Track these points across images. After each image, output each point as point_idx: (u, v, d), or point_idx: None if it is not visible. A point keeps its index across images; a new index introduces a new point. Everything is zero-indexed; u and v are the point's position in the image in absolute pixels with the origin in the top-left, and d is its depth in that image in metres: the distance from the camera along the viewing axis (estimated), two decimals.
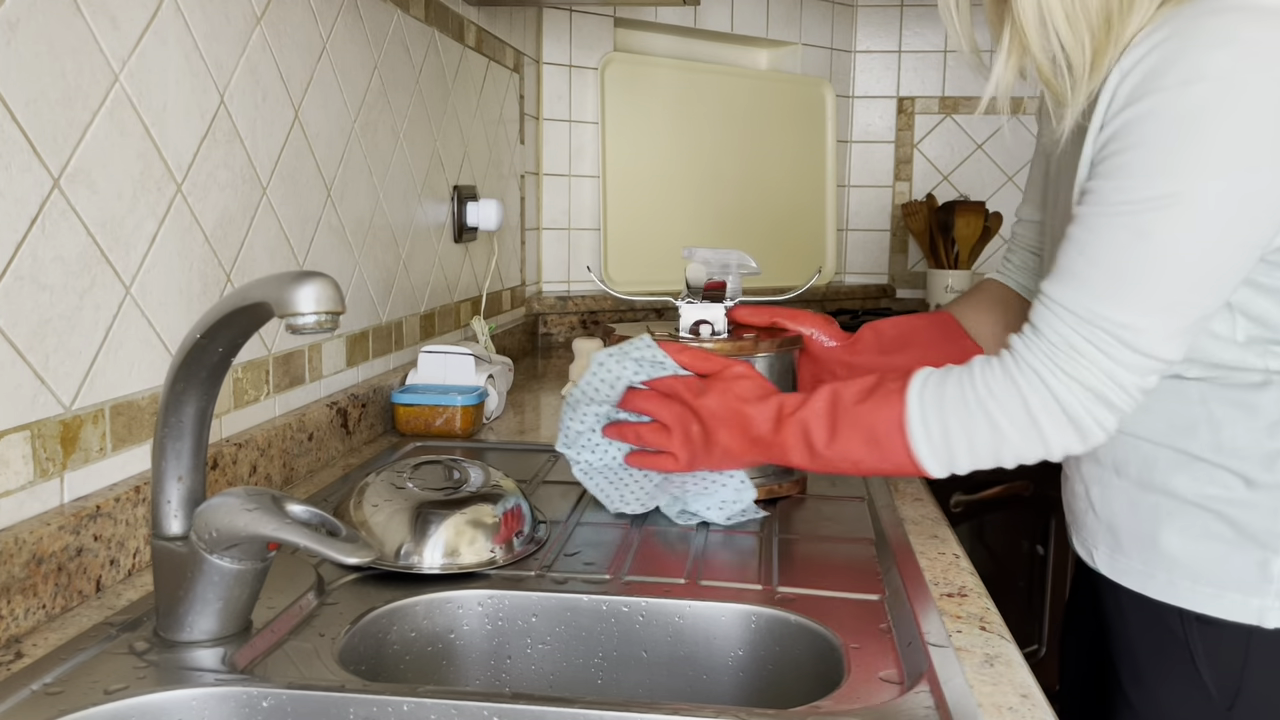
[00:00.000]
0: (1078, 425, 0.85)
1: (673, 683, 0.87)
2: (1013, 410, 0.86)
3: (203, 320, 0.69)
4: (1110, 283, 0.82)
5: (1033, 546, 2.36)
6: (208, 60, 1.01)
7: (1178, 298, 0.81)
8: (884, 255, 3.08)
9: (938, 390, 0.89)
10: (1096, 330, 0.82)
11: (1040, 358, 0.85)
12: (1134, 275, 0.81)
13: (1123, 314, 0.81)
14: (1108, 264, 0.81)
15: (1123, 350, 0.82)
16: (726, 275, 1.15)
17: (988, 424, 0.87)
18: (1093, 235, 0.82)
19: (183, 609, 0.74)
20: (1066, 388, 0.84)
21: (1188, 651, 0.91)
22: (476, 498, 0.94)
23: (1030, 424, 0.86)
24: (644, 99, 2.49)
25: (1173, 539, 0.91)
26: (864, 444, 0.91)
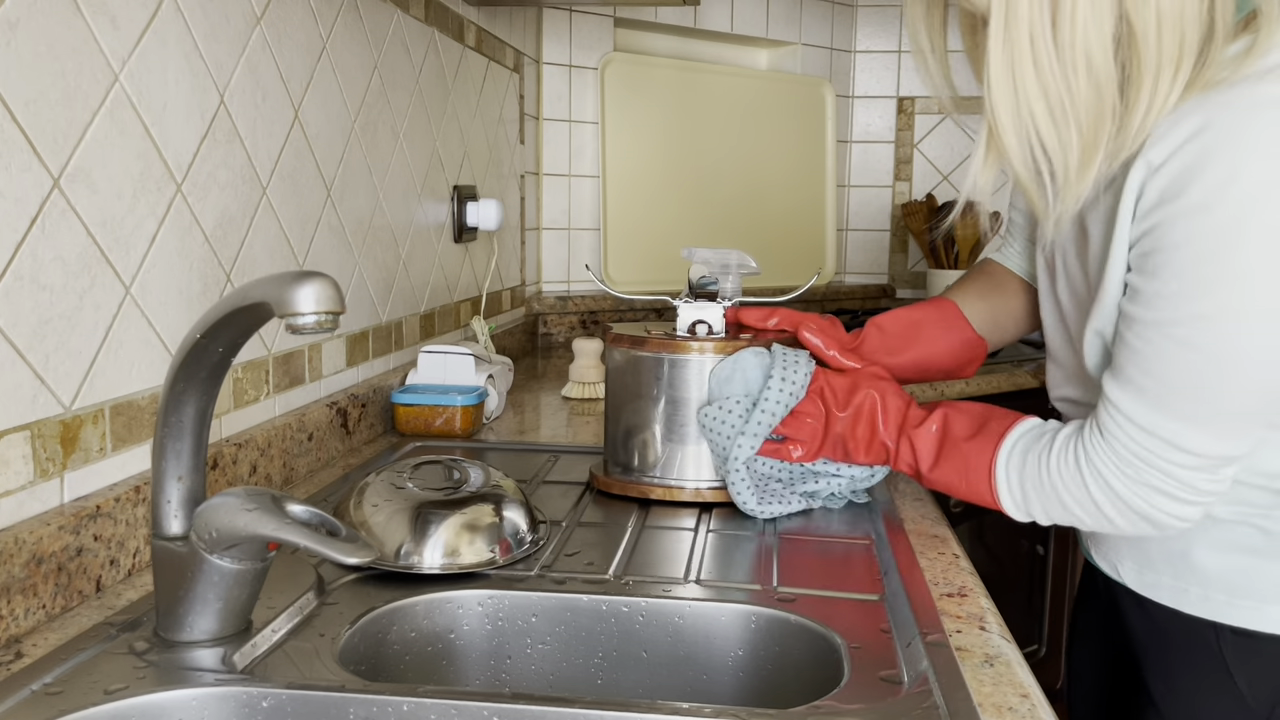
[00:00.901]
0: (1150, 520, 0.86)
1: (673, 683, 0.87)
2: (1085, 503, 0.88)
3: (203, 320, 0.69)
4: (1163, 394, 0.81)
5: (1033, 546, 2.36)
6: (208, 60, 1.01)
7: (1228, 407, 0.80)
8: (884, 255, 3.08)
9: (1020, 461, 0.92)
10: (1155, 440, 0.82)
11: (1109, 465, 0.85)
12: (1185, 388, 0.80)
13: (1177, 423, 0.81)
14: (1160, 376, 0.81)
15: (1181, 455, 0.82)
16: (726, 275, 1.15)
17: (1061, 508, 0.90)
18: (1144, 345, 0.81)
19: (183, 609, 0.74)
20: (1134, 493, 0.85)
21: (1223, 664, 0.90)
22: (476, 498, 0.94)
23: (1103, 518, 0.88)
24: (644, 99, 2.49)
25: (1205, 554, 0.90)
26: (959, 479, 0.96)
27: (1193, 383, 0.80)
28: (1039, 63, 0.75)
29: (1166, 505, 0.84)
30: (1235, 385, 0.79)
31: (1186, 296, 0.77)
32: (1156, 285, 0.79)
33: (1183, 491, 0.83)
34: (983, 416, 0.96)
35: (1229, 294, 0.76)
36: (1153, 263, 0.79)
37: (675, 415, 1.11)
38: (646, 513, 1.10)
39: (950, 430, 0.97)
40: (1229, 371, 0.78)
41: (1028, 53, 0.76)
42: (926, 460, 0.98)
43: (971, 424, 0.96)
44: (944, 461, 0.97)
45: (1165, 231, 0.78)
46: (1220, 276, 0.76)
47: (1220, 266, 0.76)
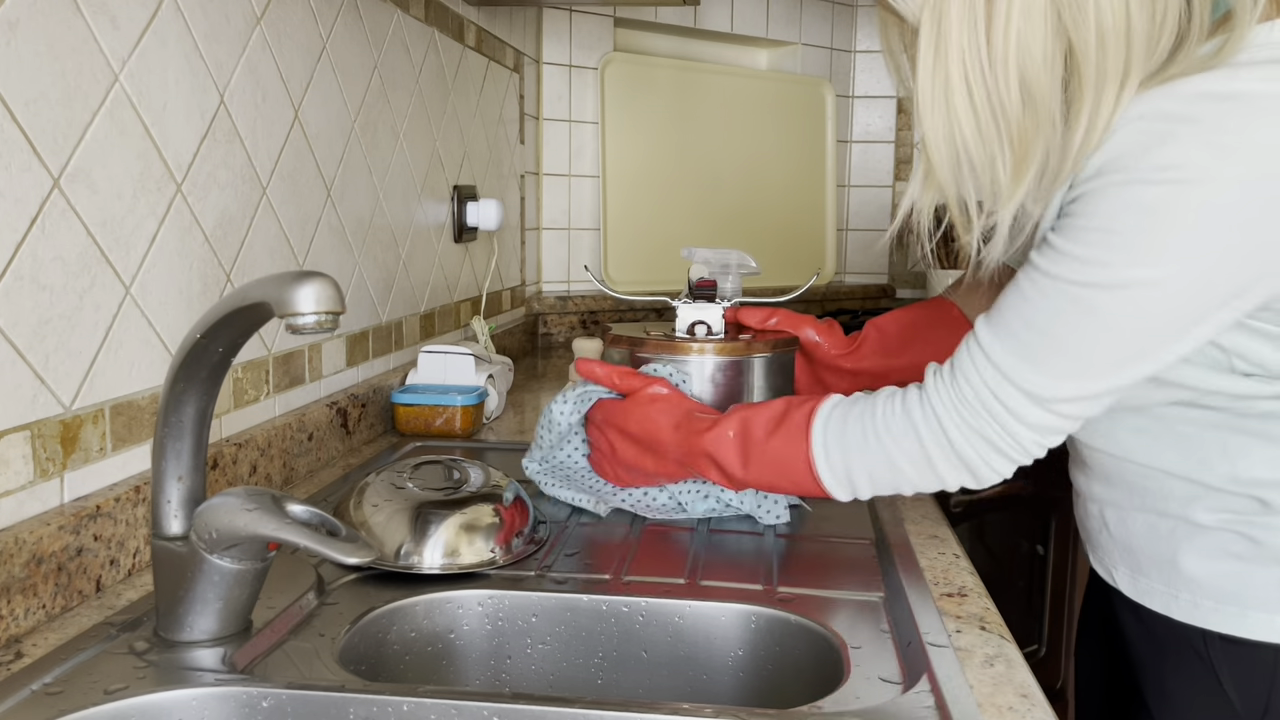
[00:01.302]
0: (971, 469, 0.86)
1: (673, 683, 0.87)
2: (909, 449, 0.87)
3: (203, 320, 0.69)
4: (1039, 346, 0.80)
5: (1033, 546, 2.36)
6: (208, 60, 1.01)
7: (1100, 372, 0.79)
8: (884, 255, 3.08)
9: (840, 427, 0.91)
10: (1015, 391, 0.81)
11: (946, 404, 0.85)
12: (1063, 345, 0.79)
13: (1042, 378, 0.80)
14: (1042, 328, 0.79)
15: (1032, 409, 0.81)
16: (726, 275, 1.15)
17: (885, 460, 0.89)
18: (1037, 295, 0.79)
19: (183, 609, 0.74)
20: (964, 437, 0.85)
21: (1213, 672, 0.90)
22: (476, 498, 0.94)
23: (925, 463, 0.87)
24: (644, 99, 2.49)
25: (1193, 561, 0.90)
26: (776, 475, 0.95)
27: (1076, 344, 0.78)
28: (969, 77, 0.75)
29: (991, 457, 0.84)
30: (1115, 355, 0.78)
31: (1098, 262, 0.76)
32: (1071, 245, 0.77)
33: (1010, 447, 0.84)
34: (780, 409, 0.96)
35: (1144, 269, 0.75)
36: (1073, 224, 0.77)
37: None
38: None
39: (751, 434, 0.96)
40: (1114, 340, 0.78)
41: (959, 65, 0.75)
42: (735, 465, 0.97)
43: (771, 419, 0.95)
44: (753, 463, 0.96)
45: (1092, 199, 0.76)
46: (1139, 250, 0.75)
47: (1142, 240, 0.75)
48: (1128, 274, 0.76)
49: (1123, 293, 0.77)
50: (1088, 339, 0.78)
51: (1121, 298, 0.77)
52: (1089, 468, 0.98)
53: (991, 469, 0.86)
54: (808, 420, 0.93)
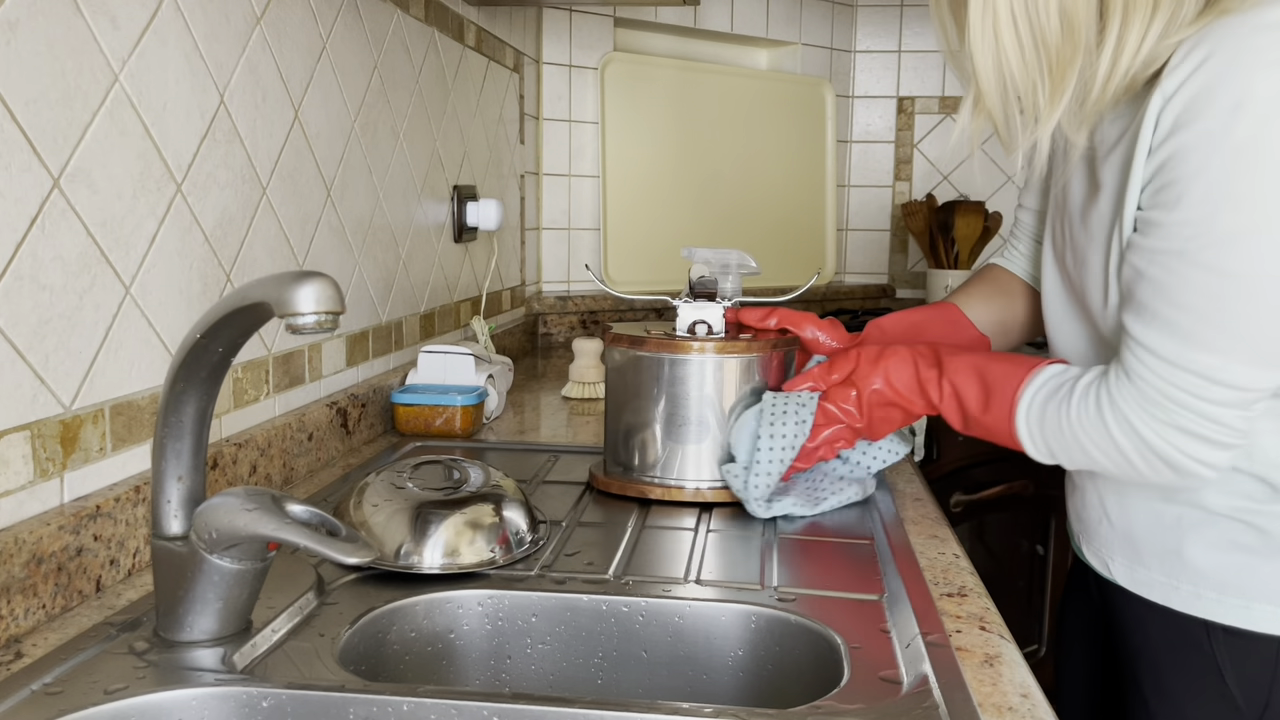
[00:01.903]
0: (1174, 467, 0.84)
1: (673, 683, 0.87)
2: (1106, 449, 0.87)
3: (203, 320, 0.69)
4: (1195, 326, 0.80)
5: (1033, 546, 2.36)
6: (208, 60, 1.01)
7: (1264, 331, 0.79)
8: (884, 255, 3.08)
9: (1040, 414, 0.91)
10: (1188, 376, 0.81)
11: (1132, 404, 0.84)
12: (1217, 316, 0.79)
13: (1212, 356, 0.80)
14: (1189, 306, 0.80)
15: (1217, 390, 0.80)
16: (726, 275, 1.15)
17: (1083, 454, 0.89)
18: (1169, 276, 0.80)
19: (183, 609, 0.74)
20: (1160, 435, 0.83)
21: (1214, 664, 0.90)
22: (476, 498, 0.94)
23: (1125, 462, 0.87)
24: (644, 99, 2.49)
25: (1198, 551, 0.90)
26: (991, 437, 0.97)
27: (1222, 310, 0.78)
28: (1015, 11, 0.81)
29: (1194, 448, 0.83)
30: (1266, 308, 0.78)
31: (1209, 220, 0.77)
32: (1177, 215, 0.79)
33: (1214, 431, 0.82)
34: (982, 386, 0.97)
35: (1251, 213, 0.76)
36: (1171, 194, 0.79)
37: (675, 415, 1.11)
38: (646, 513, 1.10)
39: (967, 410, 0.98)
40: (1259, 294, 0.77)
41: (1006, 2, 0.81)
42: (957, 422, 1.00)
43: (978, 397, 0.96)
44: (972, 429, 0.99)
45: (1181, 160, 0.78)
46: (1241, 196, 0.76)
47: (1239, 186, 0.76)
48: (1237, 222, 0.76)
49: (1242, 245, 0.77)
50: (1233, 302, 0.78)
51: (1243, 251, 0.77)
52: None
53: (1198, 462, 0.83)
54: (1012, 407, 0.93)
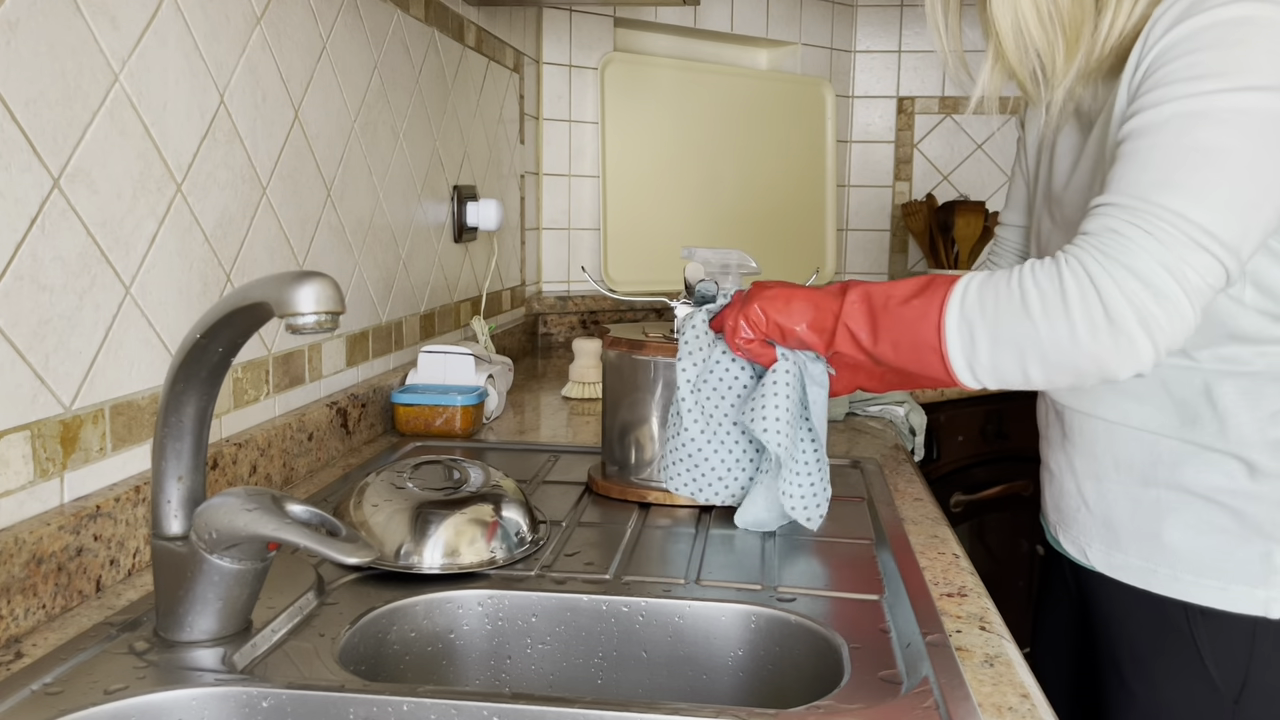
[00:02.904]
0: (1114, 321, 0.74)
1: (673, 683, 0.87)
2: (1047, 291, 0.77)
3: (203, 320, 0.69)
4: (1160, 172, 0.77)
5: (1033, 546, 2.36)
6: (208, 60, 1.01)
7: (1234, 194, 0.75)
8: (884, 255, 3.08)
9: (986, 276, 0.83)
10: (1143, 215, 0.75)
11: (1086, 249, 0.77)
12: (1186, 165, 0.76)
13: (1174, 202, 0.75)
14: (1156, 158, 0.77)
15: (1177, 238, 0.74)
16: (726, 275, 1.15)
17: (1020, 307, 0.79)
18: (1139, 138, 0.79)
19: (183, 609, 0.74)
20: (1108, 273, 0.75)
21: (1192, 645, 0.91)
22: (476, 498, 0.94)
23: (1062, 310, 0.76)
24: (644, 99, 2.49)
25: (1176, 533, 0.91)
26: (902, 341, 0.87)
27: (1197, 163, 0.76)
28: None
29: (1147, 303, 0.74)
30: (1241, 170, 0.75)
31: (1190, 81, 0.77)
32: (1156, 93, 0.79)
33: (1171, 286, 0.74)
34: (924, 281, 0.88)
35: (1235, 75, 0.76)
36: (1151, 82, 0.80)
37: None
38: (646, 513, 1.10)
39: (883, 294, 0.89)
40: (1236, 152, 0.76)
41: None
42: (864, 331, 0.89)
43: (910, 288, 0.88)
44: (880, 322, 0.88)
45: (1167, 53, 0.80)
46: (1225, 62, 0.77)
47: (1225, 56, 0.77)
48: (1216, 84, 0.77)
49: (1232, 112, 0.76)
50: (1205, 156, 0.76)
51: (1234, 118, 0.76)
52: (1072, 441, 0.99)
53: (1142, 323, 0.74)
54: (949, 281, 0.85)
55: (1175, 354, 0.89)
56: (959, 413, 2.22)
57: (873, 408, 1.61)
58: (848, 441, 1.44)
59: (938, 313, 0.83)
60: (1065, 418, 1.00)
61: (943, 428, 2.18)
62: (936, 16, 0.95)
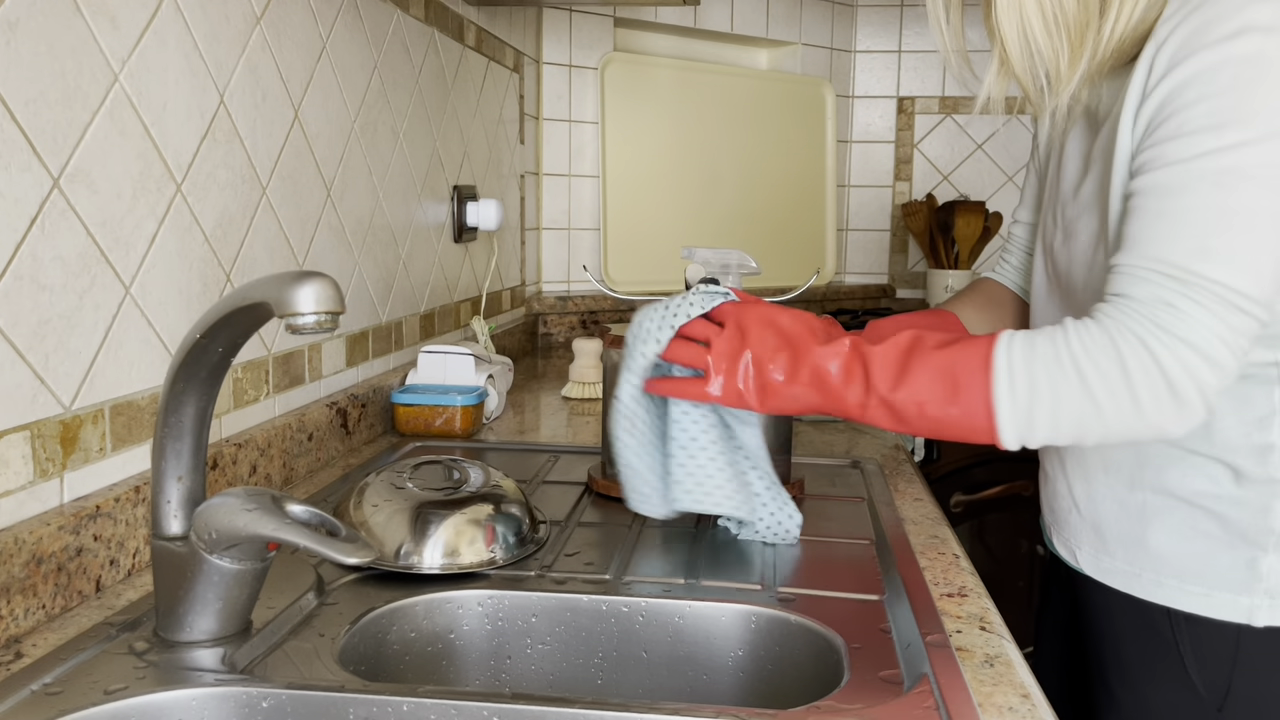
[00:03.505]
0: (1176, 394, 0.77)
1: (673, 683, 0.87)
2: (1108, 371, 0.78)
3: (203, 320, 0.69)
4: (1198, 239, 0.77)
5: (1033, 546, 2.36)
6: (208, 60, 1.01)
7: (1267, 253, 0.77)
8: (884, 255, 3.08)
9: (1027, 344, 0.81)
10: (1193, 288, 0.77)
11: (1138, 319, 0.78)
12: (1221, 229, 0.77)
13: (1217, 272, 0.77)
14: (1189, 220, 0.78)
15: (1224, 307, 0.77)
16: (726, 275, 1.15)
17: (1080, 384, 0.79)
18: (1167, 196, 0.79)
19: (183, 609, 0.74)
20: (1169, 349, 0.77)
21: (1176, 651, 0.91)
22: (476, 498, 0.94)
23: (1126, 389, 0.78)
24: (644, 99, 2.49)
25: (1161, 538, 0.91)
26: (940, 385, 0.82)
27: (1229, 222, 0.77)
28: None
29: (1199, 371, 0.77)
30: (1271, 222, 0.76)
31: (1214, 136, 0.77)
32: (1178, 143, 0.79)
33: (1218, 351, 0.77)
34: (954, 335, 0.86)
35: (1257, 125, 0.76)
36: (1170, 126, 0.80)
37: None
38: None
39: (920, 340, 0.85)
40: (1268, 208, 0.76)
41: None
42: (885, 376, 0.83)
43: (943, 337, 0.85)
44: (914, 371, 0.83)
45: (1179, 94, 0.79)
46: (1245, 111, 0.77)
47: (1245, 103, 0.77)
48: (1243, 135, 0.77)
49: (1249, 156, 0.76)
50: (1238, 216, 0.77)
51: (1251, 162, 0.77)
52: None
53: (1198, 389, 0.77)
54: (990, 338, 0.83)
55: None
56: None
57: None
58: (848, 441, 1.44)
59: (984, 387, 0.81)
60: None
61: None
62: (938, 14, 0.94)
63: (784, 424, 1.15)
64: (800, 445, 1.40)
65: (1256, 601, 0.87)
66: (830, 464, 1.31)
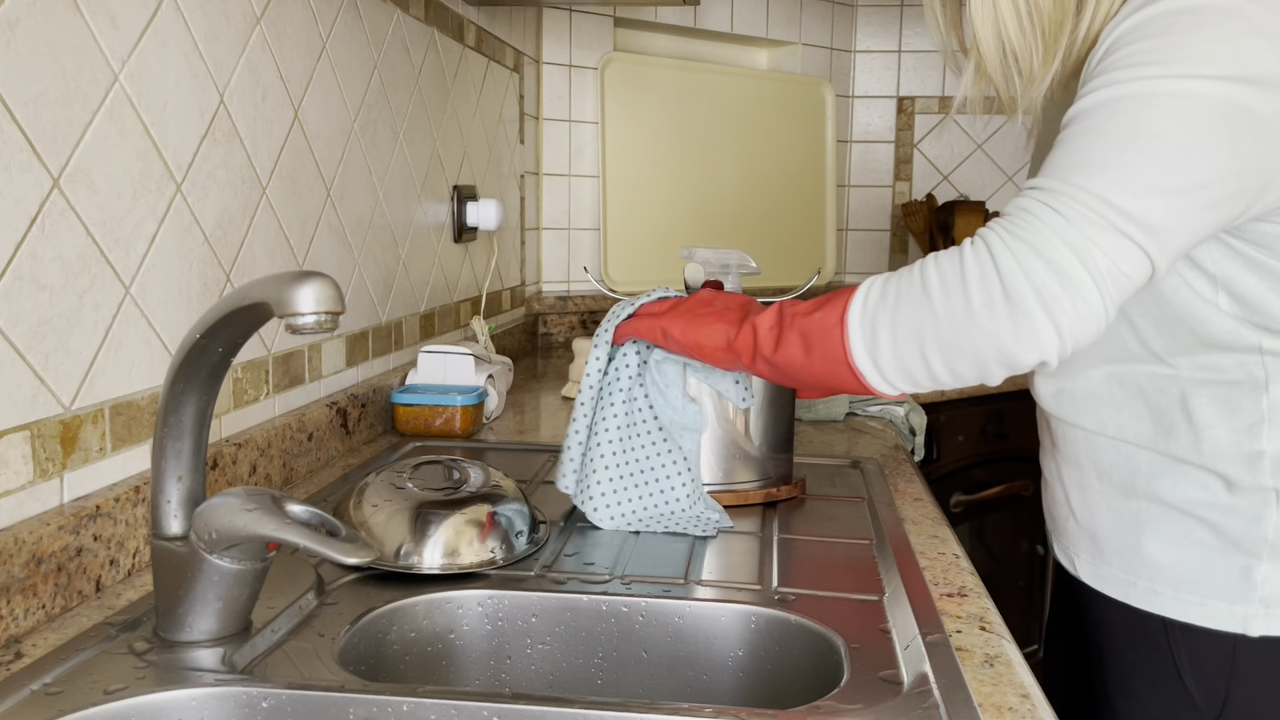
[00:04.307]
0: (1011, 299, 0.73)
1: (673, 683, 0.87)
2: (947, 275, 0.76)
3: (203, 320, 0.69)
4: (1083, 159, 0.75)
5: (1033, 546, 2.36)
6: (208, 60, 1.01)
7: (1161, 178, 0.73)
8: (884, 255, 3.08)
9: (880, 287, 0.82)
10: (1058, 196, 0.74)
11: (994, 229, 0.76)
12: (1110, 146, 0.75)
13: (1091, 182, 0.73)
14: (1080, 144, 0.76)
15: (1087, 217, 0.73)
16: (726, 275, 1.15)
17: (921, 290, 0.78)
18: (1071, 129, 0.78)
19: (182, 609, 0.74)
20: (1010, 250, 0.73)
21: (1171, 661, 0.90)
22: (476, 498, 0.94)
23: (960, 289, 0.75)
24: (644, 99, 2.49)
25: (1155, 546, 0.90)
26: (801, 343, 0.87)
27: (1116, 137, 0.74)
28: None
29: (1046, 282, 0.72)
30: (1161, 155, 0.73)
31: (1126, 69, 0.76)
32: (1094, 81, 0.79)
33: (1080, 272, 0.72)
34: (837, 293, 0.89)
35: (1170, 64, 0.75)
36: (1100, 66, 0.79)
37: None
38: None
39: (793, 307, 0.89)
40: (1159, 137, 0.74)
41: None
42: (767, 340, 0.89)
43: (818, 300, 0.88)
44: (786, 332, 0.88)
45: (1116, 42, 0.79)
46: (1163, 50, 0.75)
47: (1162, 44, 0.75)
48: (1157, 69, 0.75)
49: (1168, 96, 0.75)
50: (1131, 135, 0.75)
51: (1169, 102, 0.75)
52: (1059, 450, 0.98)
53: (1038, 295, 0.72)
54: (850, 290, 0.85)
55: (1153, 359, 0.87)
56: (959, 413, 2.22)
57: (873, 408, 1.61)
58: (848, 441, 1.44)
59: (840, 312, 0.84)
60: (1053, 426, 0.99)
61: (943, 428, 2.18)
62: (935, 12, 0.95)
63: (785, 424, 1.15)
64: (800, 445, 1.40)
65: (1251, 610, 0.86)
66: (830, 464, 1.31)
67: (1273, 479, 0.85)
